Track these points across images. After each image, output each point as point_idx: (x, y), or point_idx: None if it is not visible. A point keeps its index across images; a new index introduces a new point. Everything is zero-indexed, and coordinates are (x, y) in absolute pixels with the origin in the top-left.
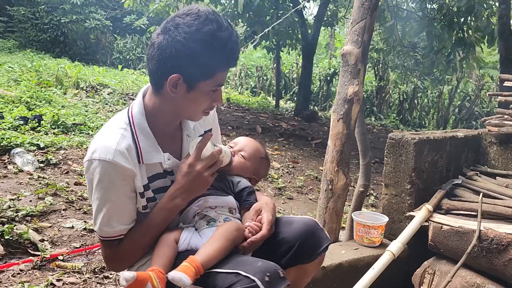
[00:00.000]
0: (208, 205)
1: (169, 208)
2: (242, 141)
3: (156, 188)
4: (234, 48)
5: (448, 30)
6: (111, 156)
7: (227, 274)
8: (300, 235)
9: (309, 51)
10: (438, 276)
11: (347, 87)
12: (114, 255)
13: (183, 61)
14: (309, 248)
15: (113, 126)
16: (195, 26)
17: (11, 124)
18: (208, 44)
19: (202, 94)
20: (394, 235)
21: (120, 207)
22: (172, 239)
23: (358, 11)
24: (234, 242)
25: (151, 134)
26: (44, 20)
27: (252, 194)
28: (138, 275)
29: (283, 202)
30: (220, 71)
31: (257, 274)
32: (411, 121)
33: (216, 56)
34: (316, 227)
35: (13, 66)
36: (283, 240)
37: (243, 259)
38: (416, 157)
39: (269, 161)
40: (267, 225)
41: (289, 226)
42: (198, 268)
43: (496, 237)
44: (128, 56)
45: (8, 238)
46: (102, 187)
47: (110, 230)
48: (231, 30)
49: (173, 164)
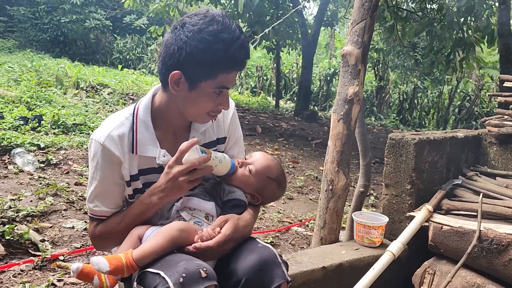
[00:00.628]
0: (188, 206)
1: (145, 203)
2: (256, 156)
3: (148, 181)
4: (239, 51)
5: (448, 30)
6: (103, 139)
7: (154, 275)
8: (249, 270)
9: (309, 51)
10: (438, 276)
11: (347, 87)
12: (94, 233)
13: (183, 59)
14: (256, 286)
15: (118, 114)
16: (200, 25)
17: (12, 124)
18: (209, 44)
19: (205, 95)
20: (394, 235)
21: (105, 190)
22: (136, 235)
23: (358, 12)
24: (174, 241)
25: (151, 128)
26: (44, 20)
27: (238, 208)
28: (83, 268)
29: (283, 202)
30: (222, 73)
31: (172, 275)
32: (411, 121)
33: (217, 57)
34: (271, 262)
35: (13, 66)
36: (232, 271)
37: (172, 259)
38: (416, 157)
39: (281, 185)
40: (219, 238)
41: (245, 256)
42: (130, 261)
43: (496, 237)
44: (128, 56)
45: (9, 238)
46: (93, 166)
47: (94, 208)
48: (237, 33)
49: (168, 162)
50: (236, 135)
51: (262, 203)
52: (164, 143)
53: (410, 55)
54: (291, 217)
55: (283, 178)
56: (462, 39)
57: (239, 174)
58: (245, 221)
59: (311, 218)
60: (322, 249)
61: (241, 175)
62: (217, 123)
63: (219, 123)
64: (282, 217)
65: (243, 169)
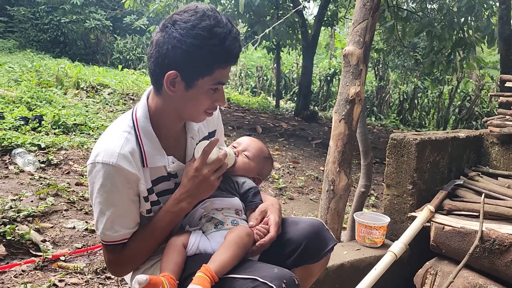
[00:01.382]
0: (214, 207)
1: (174, 212)
2: (245, 141)
3: (160, 191)
4: (233, 44)
5: (448, 30)
6: (114, 159)
7: (244, 280)
8: (306, 235)
9: (309, 51)
10: (440, 276)
11: (349, 87)
12: (117, 260)
13: (179, 57)
14: (315, 248)
15: (117, 129)
16: (192, 21)
17: (12, 125)
18: (204, 39)
19: (202, 93)
20: (396, 235)
21: (124, 211)
22: (180, 244)
23: (360, 12)
24: (245, 248)
25: (155, 138)
26: (44, 20)
27: (258, 195)
28: (151, 279)
29: (284, 202)
30: (218, 68)
31: (274, 280)
32: (411, 121)
33: (213, 52)
34: (322, 227)
35: (13, 66)
36: (290, 241)
37: (258, 265)
38: (418, 158)
39: (272, 160)
40: (274, 227)
41: (295, 227)
42: (213, 277)
43: (498, 237)
44: (128, 56)
45: (10, 238)
46: (105, 190)
47: (113, 234)
48: (230, 27)
49: (177, 167)
50: (221, 125)
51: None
52: (167, 149)
53: (410, 55)
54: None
55: (270, 153)
56: (463, 39)
57: (240, 162)
58: (277, 203)
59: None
60: None
61: (242, 163)
62: (207, 119)
63: (208, 118)
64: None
65: (241, 157)
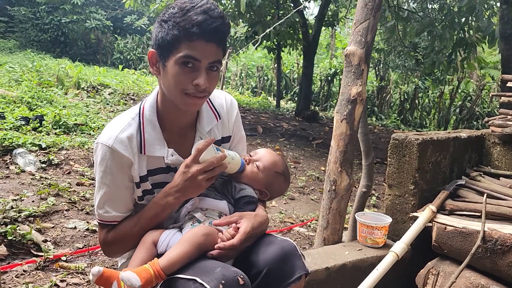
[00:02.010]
0: (199, 206)
1: (161, 205)
2: (262, 152)
3: (157, 182)
4: (198, 15)
5: (449, 30)
6: (111, 141)
7: (187, 281)
8: (270, 261)
9: (309, 51)
10: (442, 277)
11: (350, 87)
12: (105, 240)
13: (154, 35)
14: (278, 276)
15: (124, 115)
16: (169, 6)
17: (13, 125)
18: (171, 14)
19: (175, 70)
20: (397, 235)
21: (115, 194)
22: (150, 241)
23: (362, 12)
24: (200, 247)
25: (158, 127)
26: (44, 20)
27: (250, 204)
28: (104, 272)
29: (285, 202)
30: (185, 41)
31: (212, 281)
32: (412, 121)
33: (177, 25)
34: (292, 253)
35: (14, 66)
36: (254, 263)
37: (204, 265)
38: (419, 158)
39: (287, 179)
40: (240, 235)
41: (265, 248)
42: (158, 271)
43: (500, 238)
44: (129, 56)
45: (11, 238)
46: (101, 170)
47: (104, 214)
48: (203, 2)
49: (177, 161)
50: (240, 133)
51: (270, 198)
52: (170, 142)
53: (411, 55)
54: (293, 218)
55: (288, 172)
56: (463, 39)
57: (248, 171)
58: (262, 216)
59: (313, 218)
60: (325, 250)
61: (250, 172)
62: (222, 122)
63: (224, 122)
64: (284, 217)
65: (251, 166)
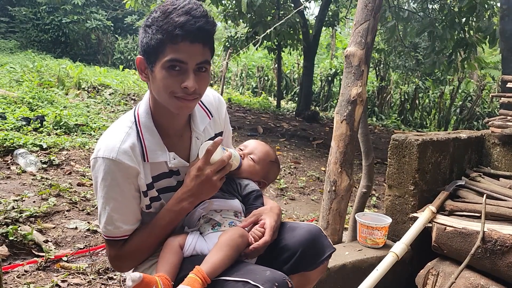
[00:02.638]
0: (213, 208)
1: (175, 211)
2: (252, 144)
3: (161, 187)
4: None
5: (450, 30)
6: (115, 154)
7: (236, 283)
8: (303, 242)
9: (310, 52)
10: (442, 277)
11: (351, 88)
12: (118, 255)
13: (140, 42)
14: (311, 256)
15: (120, 125)
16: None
17: (14, 125)
18: (155, 17)
19: (163, 74)
20: (397, 236)
21: (124, 206)
22: (177, 245)
23: (362, 13)
24: (238, 250)
25: (156, 133)
26: (45, 20)
27: (259, 198)
28: (144, 277)
29: (285, 203)
30: (169, 43)
31: (266, 283)
32: (412, 121)
33: (160, 28)
34: (320, 234)
35: (14, 67)
36: (286, 247)
37: (251, 268)
38: (419, 158)
39: (279, 164)
40: (269, 231)
41: (292, 233)
42: (205, 278)
43: (499, 238)
44: (130, 57)
45: (12, 239)
46: (106, 185)
47: (114, 230)
48: (182, 2)
49: (179, 164)
50: (229, 128)
51: (266, 186)
52: (168, 146)
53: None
54: (293, 218)
55: (278, 158)
56: (464, 40)
57: (245, 165)
58: (276, 208)
59: (313, 218)
60: None
61: (247, 166)
62: (213, 120)
63: (215, 119)
64: (284, 217)
65: (246, 160)
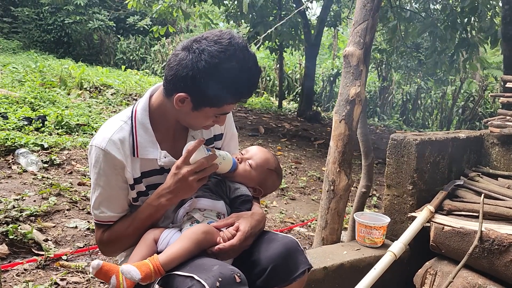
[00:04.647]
0: (197, 207)
1: (154, 206)
2: (253, 150)
3: (151, 184)
4: (248, 88)
5: (452, 30)
6: (104, 144)
7: (185, 278)
8: (274, 258)
9: (312, 52)
10: (440, 276)
11: (349, 88)
12: (101, 239)
13: (195, 86)
14: (284, 272)
15: (116, 118)
16: (218, 59)
17: (15, 125)
18: (223, 79)
19: (206, 116)
20: (395, 235)
21: (109, 195)
22: (151, 238)
23: (360, 13)
24: (199, 245)
25: (150, 130)
26: (48, 21)
27: (247, 203)
28: (103, 265)
29: (285, 202)
30: (228, 103)
31: (209, 278)
32: (414, 121)
33: (226, 92)
34: (296, 249)
35: (17, 67)
36: (257, 261)
37: (202, 262)
38: (418, 158)
39: (279, 175)
40: (240, 235)
41: (267, 245)
42: (157, 266)
43: (497, 238)
44: (132, 57)
45: (12, 237)
46: (95, 172)
47: (100, 214)
48: (253, 72)
49: (170, 163)
50: (232, 131)
51: (263, 194)
52: (163, 144)
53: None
54: (293, 218)
55: (280, 168)
56: (466, 40)
57: (241, 169)
58: (259, 215)
59: (313, 218)
60: (324, 249)
61: (242, 170)
62: None
63: None
64: (285, 217)
65: (243, 165)
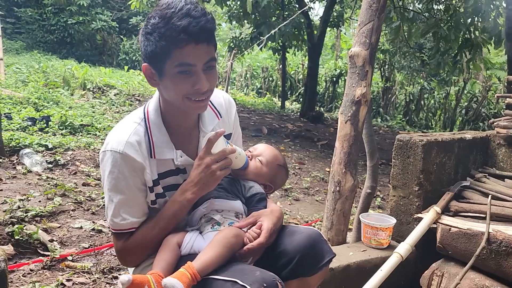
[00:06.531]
0: (214, 208)
1: (179, 201)
2: (261, 147)
3: (167, 185)
4: (180, 20)
5: (455, 31)
6: (122, 147)
7: (225, 282)
8: (301, 247)
9: (315, 52)
10: (447, 278)
11: (355, 88)
12: (124, 248)
13: (144, 49)
14: (310, 261)
15: (129, 120)
16: (153, 13)
17: (20, 125)
18: (154, 25)
19: (173, 78)
20: (402, 237)
21: (131, 199)
22: (174, 243)
23: (366, 13)
24: (232, 249)
25: (164, 130)
26: (51, 21)
27: (262, 201)
28: (134, 279)
29: (289, 203)
30: (175, 48)
31: (254, 284)
32: (417, 122)
33: (162, 34)
34: (319, 239)
35: (20, 67)
36: (284, 252)
37: (242, 268)
38: (424, 159)
39: (287, 170)
40: (265, 233)
41: (291, 237)
42: (195, 274)
43: (505, 239)
44: (134, 57)
45: (18, 238)
46: (113, 177)
47: (121, 222)
48: (181, 5)
49: (186, 162)
50: (238, 130)
51: (273, 190)
52: (176, 144)
53: (417, 56)
54: (297, 219)
55: (286, 164)
56: (469, 40)
57: (252, 166)
58: (278, 211)
59: (317, 219)
60: None
61: (254, 167)
62: (222, 120)
63: (224, 121)
64: (289, 218)
65: (254, 161)
